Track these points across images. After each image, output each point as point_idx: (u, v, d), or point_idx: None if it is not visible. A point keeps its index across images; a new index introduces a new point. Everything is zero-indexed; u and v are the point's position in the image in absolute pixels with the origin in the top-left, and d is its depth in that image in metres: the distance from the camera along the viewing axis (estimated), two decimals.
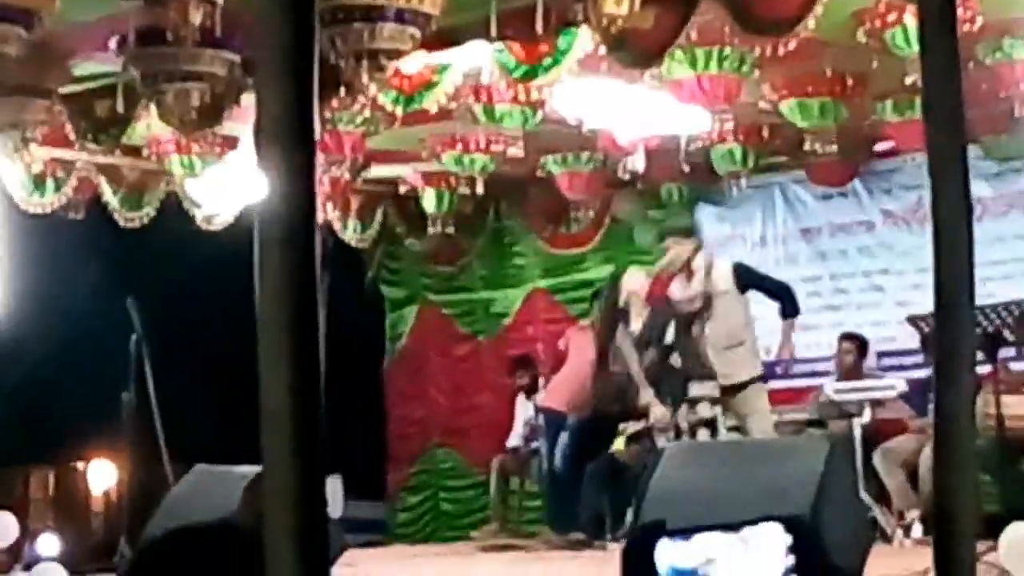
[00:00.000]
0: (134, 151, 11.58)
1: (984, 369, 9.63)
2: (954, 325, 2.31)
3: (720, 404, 9.88)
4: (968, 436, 2.23)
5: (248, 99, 9.34)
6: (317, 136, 1.79)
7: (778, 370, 12.37)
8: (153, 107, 9.53)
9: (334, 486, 8.87)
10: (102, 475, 15.49)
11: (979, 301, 2.26)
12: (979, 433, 9.60)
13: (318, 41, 1.84)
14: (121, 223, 12.34)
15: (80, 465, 15.74)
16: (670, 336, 10.01)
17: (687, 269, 9.82)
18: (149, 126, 10.71)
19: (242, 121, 9.84)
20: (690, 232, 10.28)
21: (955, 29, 2.64)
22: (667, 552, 5.05)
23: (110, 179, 12.21)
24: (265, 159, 1.80)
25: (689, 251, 9.87)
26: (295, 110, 1.82)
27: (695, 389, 9.87)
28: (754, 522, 5.12)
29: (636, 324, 10.47)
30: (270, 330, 1.78)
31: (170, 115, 9.46)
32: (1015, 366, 10.58)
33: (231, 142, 11.15)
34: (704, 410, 9.81)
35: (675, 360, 9.99)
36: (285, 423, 1.74)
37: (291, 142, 1.80)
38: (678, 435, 10.08)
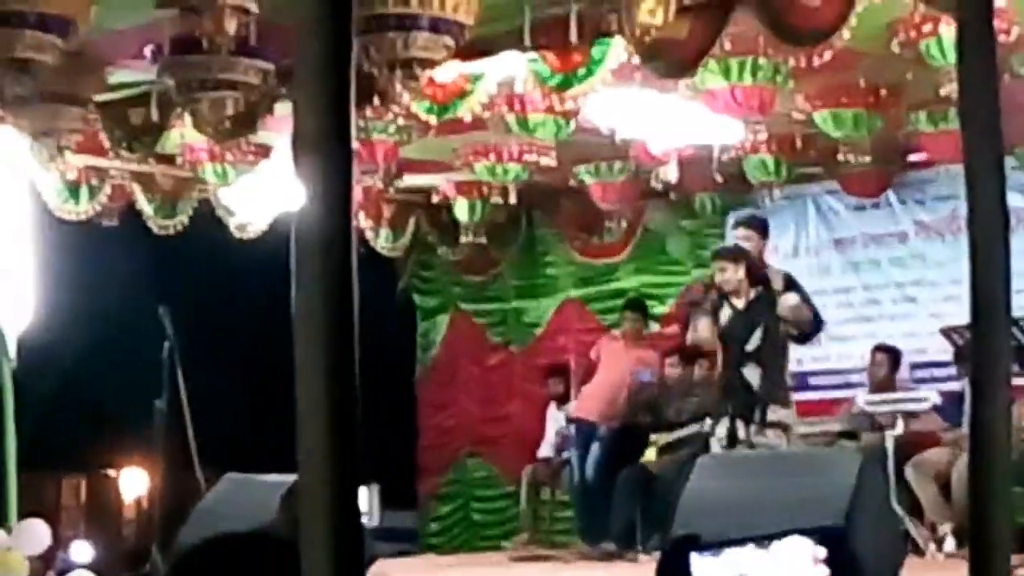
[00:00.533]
0: (168, 159, 11.60)
1: (1018, 382, 9.58)
2: (990, 338, 2.29)
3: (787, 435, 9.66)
4: (1004, 449, 2.21)
5: (282, 108, 9.37)
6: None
7: (810, 381, 12.37)
8: (188, 116, 9.57)
9: (371, 496, 8.88)
10: (134, 483, 15.56)
11: (1013, 314, 2.25)
12: (1013, 447, 9.58)
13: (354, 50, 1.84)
14: (155, 231, 12.37)
15: (112, 472, 15.82)
16: (755, 342, 9.70)
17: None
18: (183, 135, 10.75)
19: (276, 130, 9.86)
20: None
21: (994, 39, 2.63)
22: (699, 566, 5.05)
23: (144, 187, 12.24)
24: (302, 167, 1.79)
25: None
26: (332, 119, 1.81)
27: (774, 414, 9.62)
28: (785, 535, 5.12)
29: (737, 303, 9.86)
30: (307, 338, 1.77)
31: (205, 124, 9.49)
32: None
33: (264, 151, 11.18)
34: (773, 438, 9.57)
35: (751, 374, 9.66)
36: (322, 432, 1.73)
37: (328, 151, 1.80)
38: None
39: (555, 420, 13.15)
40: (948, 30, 8.48)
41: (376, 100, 8.75)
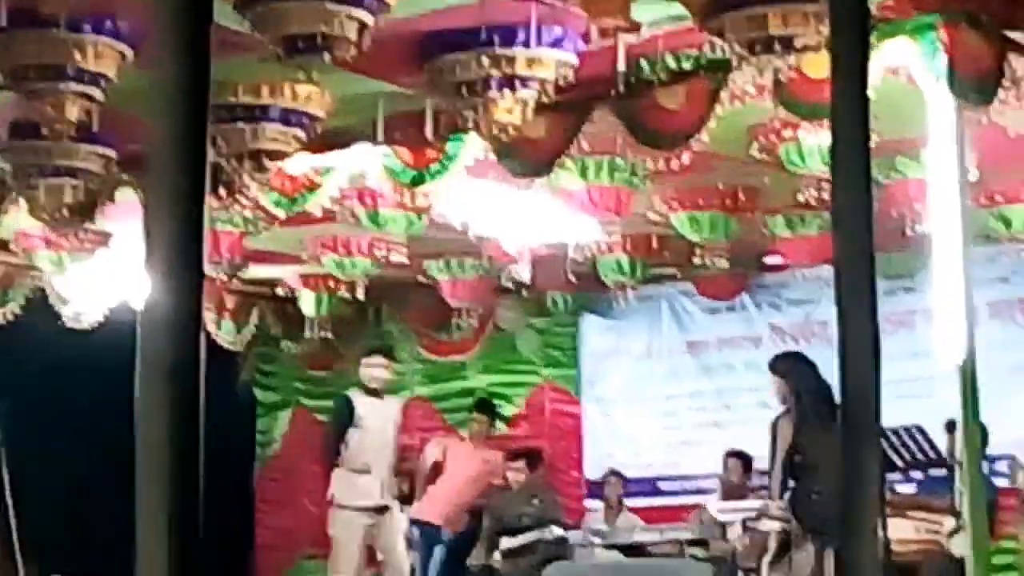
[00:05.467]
0: (1, 245, 11.22)
1: (906, 490, 9.55)
2: (861, 457, 2.34)
3: None
4: None
5: (123, 195, 9.07)
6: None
7: (660, 486, 12.23)
8: (23, 201, 9.23)
9: None
10: None
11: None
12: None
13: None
14: None
15: None
16: None
17: None
18: (17, 220, 10.37)
19: (116, 218, 9.53)
20: None
21: (868, 147, 2.51)
22: None
23: None
24: (152, 259, 1.83)
25: None
26: (184, 209, 1.86)
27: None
28: None
29: None
30: (150, 433, 1.78)
31: (41, 210, 9.16)
32: (902, 489, 10.47)
33: (103, 238, 10.82)
34: None
35: None
36: (162, 526, 1.73)
37: (179, 241, 1.85)
38: None
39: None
40: (807, 136, 8.43)
41: (222, 191, 8.53)
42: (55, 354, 11.95)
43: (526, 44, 7.35)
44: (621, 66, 7.79)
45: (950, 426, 8.92)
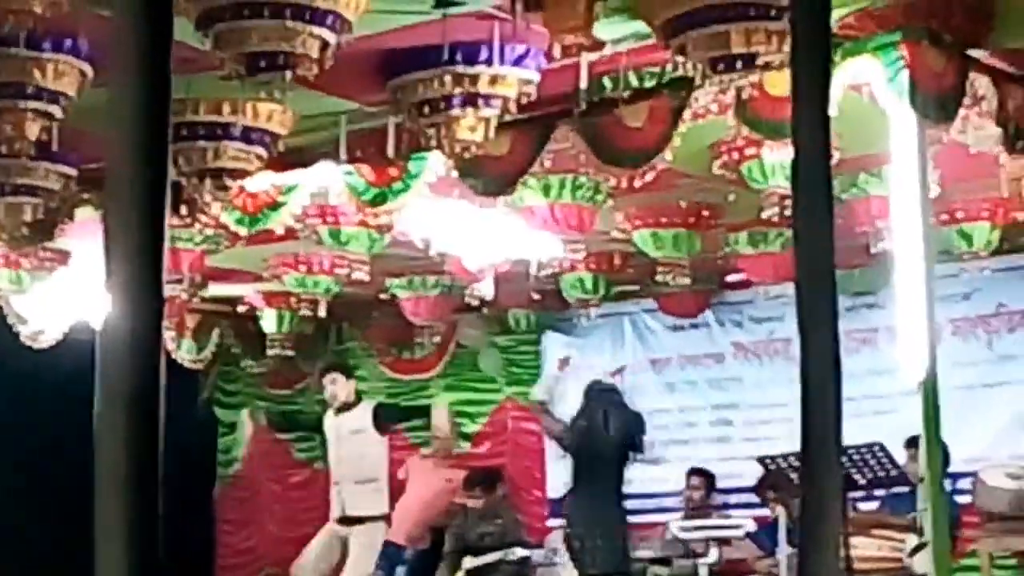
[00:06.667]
0: None
1: (867, 507, 9.55)
2: (821, 477, 2.27)
3: None
4: None
5: (83, 214, 8.99)
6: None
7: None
8: None
9: None
10: None
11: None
12: None
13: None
14: None
15: None
16: None
17: None
18: None
19: (76, 236, 9.46)
20: None
21: (829, 165, 2.50)
22: None
23: None
24: (111, 278, 1.79)
25: None
26: (145, 228, 1.82)
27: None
28: None
29: None
30: (109, 453, 1.75)
31: (0, 229, 9.07)
32: (863, 506, 10.48)
33: (63, 257, 10.73)
34: None
35: None
36: (121, 546, 1.70)
37: (139, 261, 1.81)
38: None
39: None
40: (770, 153, 8.42)
41: (183, 209, 8.47)
42: (13, 373, 11.86)
43: (488, 62, 7.33)
44: (584, 84, 7.79)
45: (911, 443, 8.95)
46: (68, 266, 10.74)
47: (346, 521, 11.02)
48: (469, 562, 11.65)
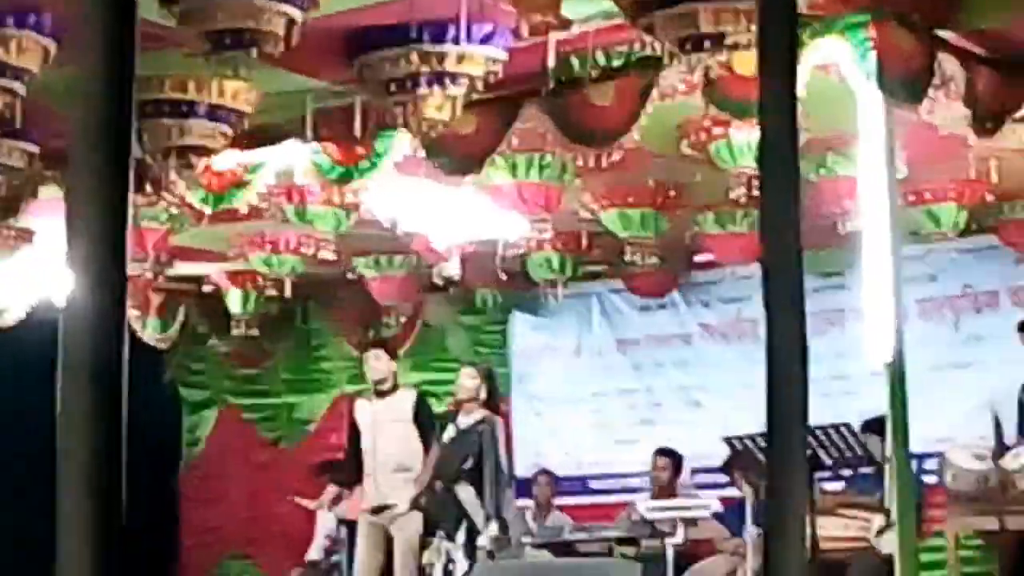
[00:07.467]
0: None
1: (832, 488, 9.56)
2: (786, 457, 2.27)
3: None
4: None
5: (46, 192, 8.93)
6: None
7: (590, 484, 12.18)
8: None
9: None
10: None
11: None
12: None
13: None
14: None
15: None
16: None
17: None
18: None
19: (39, 214, 9.40)
20: None
21: (796, 145, 2.48)
22: None
23: None
24: (75, 256, 1.79)
25: None
26: (108, 206, 1.81)
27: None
28: None
29: None
30: (72, 432, 1.74)
31: None
32: (829, 486, 10.48)
33: (26, 235, 10.66)
34: None
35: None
36: (83, 525, 1.70)
37: (102, 239, 1.79)
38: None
39: (325, 522, 12.72)
40: (738, 133, 8.42)
41: (148, 187, 8.43)
42: None
43: (455, 40, 7.30)
44: (551, 63, 7.76)
45: (877, 423, 8.95)
46: (32, 244, 10.68)
47: (379, 511, 10.72)
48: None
